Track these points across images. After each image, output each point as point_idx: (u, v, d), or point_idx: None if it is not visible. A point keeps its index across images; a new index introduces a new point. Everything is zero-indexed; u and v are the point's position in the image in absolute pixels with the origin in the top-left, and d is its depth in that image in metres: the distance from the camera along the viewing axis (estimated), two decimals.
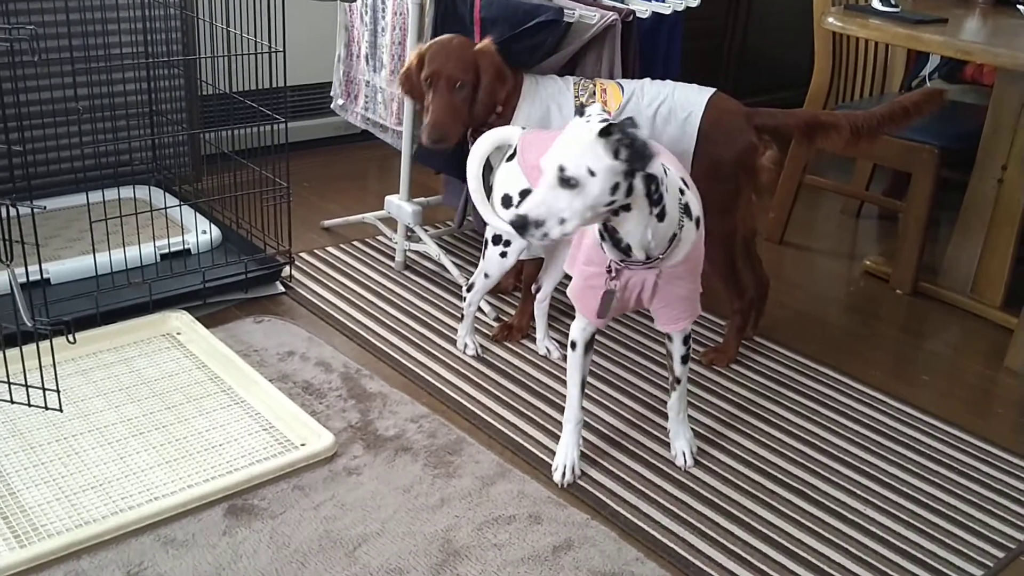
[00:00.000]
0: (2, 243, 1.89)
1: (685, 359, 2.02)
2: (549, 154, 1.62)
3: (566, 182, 1.59)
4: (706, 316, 2.74)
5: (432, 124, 2.31)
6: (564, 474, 1.99)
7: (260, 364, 2.31)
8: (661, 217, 1.71)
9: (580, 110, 1.72)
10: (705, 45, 4.42)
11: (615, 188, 1.61)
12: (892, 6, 2.99)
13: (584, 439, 2.12)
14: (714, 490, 2.01)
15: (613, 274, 1.83)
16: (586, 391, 2.31)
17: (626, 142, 1.58)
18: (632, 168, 1.60)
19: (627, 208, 1.67)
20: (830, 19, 3.00)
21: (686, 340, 2.00)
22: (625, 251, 1.76)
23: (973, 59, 3.01)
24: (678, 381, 2.03)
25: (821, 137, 2.36)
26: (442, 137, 2.32)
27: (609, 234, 1.75)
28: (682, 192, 1.78)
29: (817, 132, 2.35)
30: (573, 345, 1.97)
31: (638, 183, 1.64)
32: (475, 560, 1.75)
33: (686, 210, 1.78)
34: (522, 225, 1.61)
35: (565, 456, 2.00)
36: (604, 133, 1.59)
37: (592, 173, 1.58)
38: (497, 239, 2.25)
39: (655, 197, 1.68)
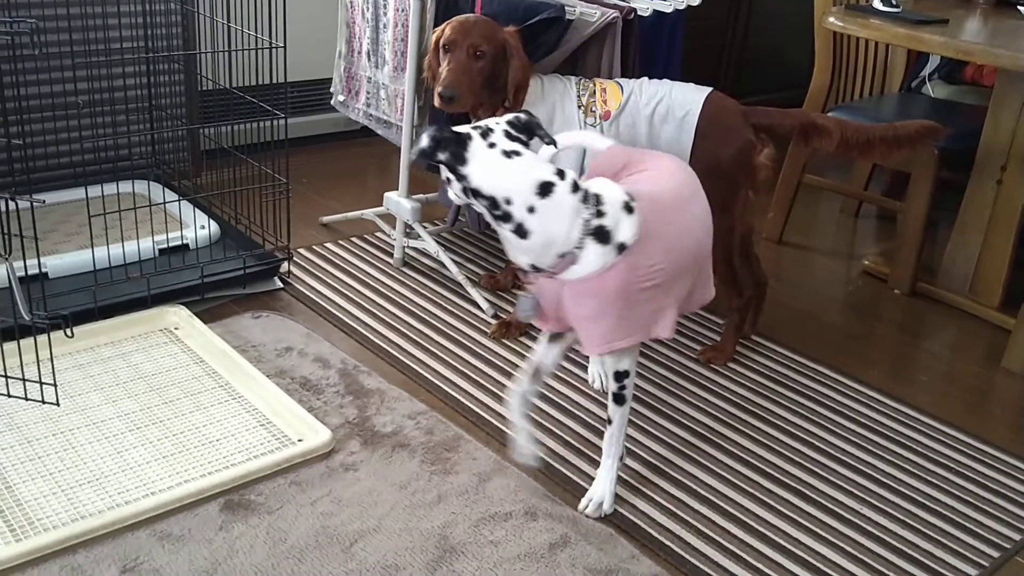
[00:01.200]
0: (1, 237, 1.88)
1: (616, 399, 1.86)
2: None
3: None
4: (704, 314, 2.74)
5: (446, 83, 2.25)
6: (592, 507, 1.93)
7: (258, 360, 2.30)
8: (521, 234, 1.66)
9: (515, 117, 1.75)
10: (706, 44, 4.41)
11: (448, 181, 1.69)
12: (893, 6, 2.99)
13: (580, 435, 2.12)
14: (711, 488, 2.01)
15: (526, 275, 1.81)
16: (581, 387, 2.32)
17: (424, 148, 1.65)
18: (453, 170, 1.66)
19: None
20: (831, 19, 3.00)
21: (617, 377, 1.84)
22: None
23: (974, 60, 3.01)
24: (609, 421, 1.90)
25: (815, 139, 2.37)
26: (454, 95, 2.25)
27: None
28: (600, 214, 1.68)
29: (811, 134, 2.36)
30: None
31: (469, 192, 1.67)
32: (471, 557, 1.75)
33: (598, 233, 1.68)
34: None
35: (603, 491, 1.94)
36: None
37: None
38: None
39: (495, 214, 1.66)
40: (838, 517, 1.97)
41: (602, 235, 1.69)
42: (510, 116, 1.72)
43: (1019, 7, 3.31)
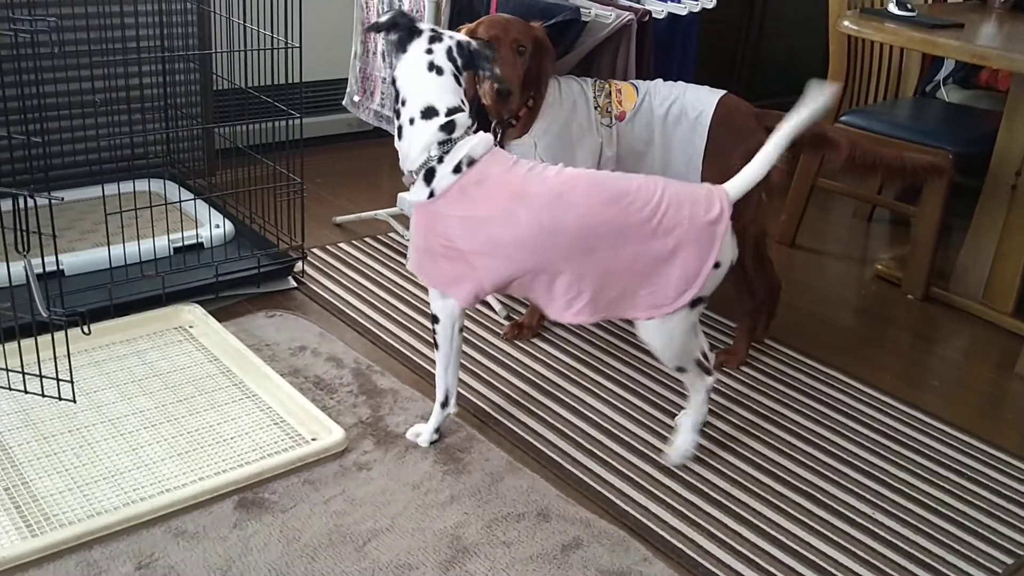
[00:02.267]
0: (19, 233, 1.90)
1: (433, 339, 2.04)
2: None
3: None
4: (716, 317, 2.74)
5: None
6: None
7: (272, 359, 2.31)
8: (398, 135, 1.89)
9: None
10: (720, 46, 4.42)
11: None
12: (908, 10, 2.99)
13: (593, 437, 2.13)
14: (722, 491, 2.01)
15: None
16: (595, 390, 2.32)
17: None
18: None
19: None
20: (846, 22, 3.00)
21: (431, 319, 2.01)
22: None
23: (989, 64, 3.00)
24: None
25: (824, 150, 2.37)
26: (509, 91, 2.21)
27: None
28: (440, 160, 1.82)
29: (821, 145, 2.36)
30: None
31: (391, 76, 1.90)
32: (484, 557, 1.76)
33: (427, 172, 1.84)
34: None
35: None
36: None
37: None
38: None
39: (395, 107, 1.89)
40: (850, 521, 1.96)
41: (428, 175, 1.85)
42: (462, 37, 1.90)
43: None
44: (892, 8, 3.01)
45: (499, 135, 2.45)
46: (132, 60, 2.92)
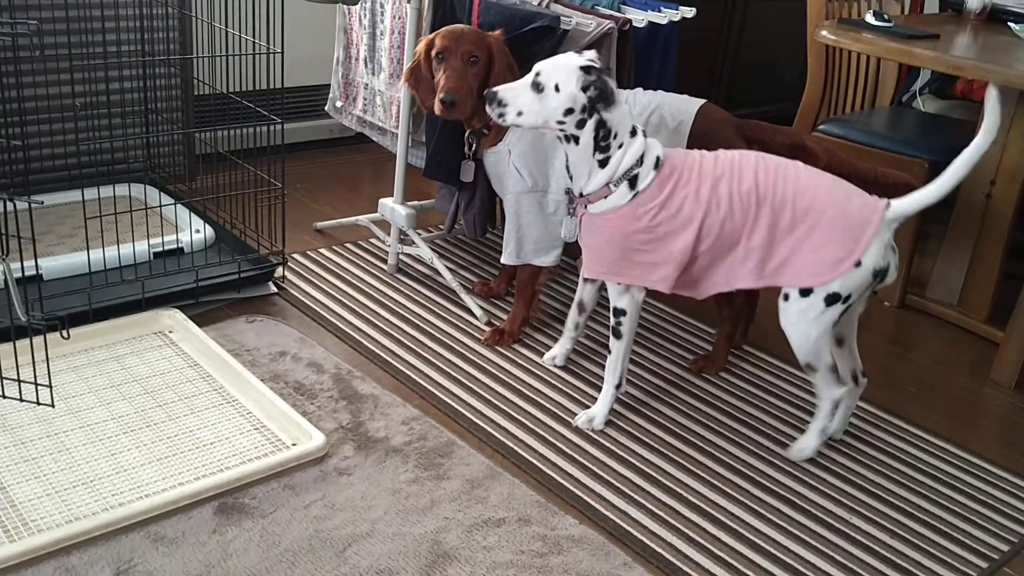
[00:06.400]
0: None
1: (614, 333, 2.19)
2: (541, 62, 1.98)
3: (536, 85, 1.94)
4: (695, 324, 2.76)
5: (446, 88, 2.28)
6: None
7: (252, 364, 2.31)
8: (603, 164, 1.99)
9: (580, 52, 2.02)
10: (699, 56, 4.44)
11: (568, 112, 1.94)
12: (885, 21, 3.02)
13: (573, 442, 2.14)
14: (702, 496, 2.02)
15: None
16: (576, 396, 2.33)
17: (598, 84, 1.93)
18: (592, 105, 1.93)
19: (576, 140, 1.98)
20: (824, 32, 3.02)
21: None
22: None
23: (964, 75, 3.04)
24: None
25: (801, 160, 2.40)
26: (455, 100, 2.28)
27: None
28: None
29: (798, 155, 2.38)
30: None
31: (590, 123, 1.95)
32: (464, 562, 1.76)
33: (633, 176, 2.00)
34: (491, 98, 1.97)
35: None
36: (584, 69, 1.93)
37: (556, 89, 1.93)
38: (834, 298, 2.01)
39: (602, 144, 1.97)
40: (827, 526, 1.98)
41: (633, 180, 2.06)
42: (592, 53, 2.01)
43: (1009, 23, 3.34)
44: (869, 18, 3.04)
45: (474, 145, 2.47)
46: (113, 64, 2.91)
